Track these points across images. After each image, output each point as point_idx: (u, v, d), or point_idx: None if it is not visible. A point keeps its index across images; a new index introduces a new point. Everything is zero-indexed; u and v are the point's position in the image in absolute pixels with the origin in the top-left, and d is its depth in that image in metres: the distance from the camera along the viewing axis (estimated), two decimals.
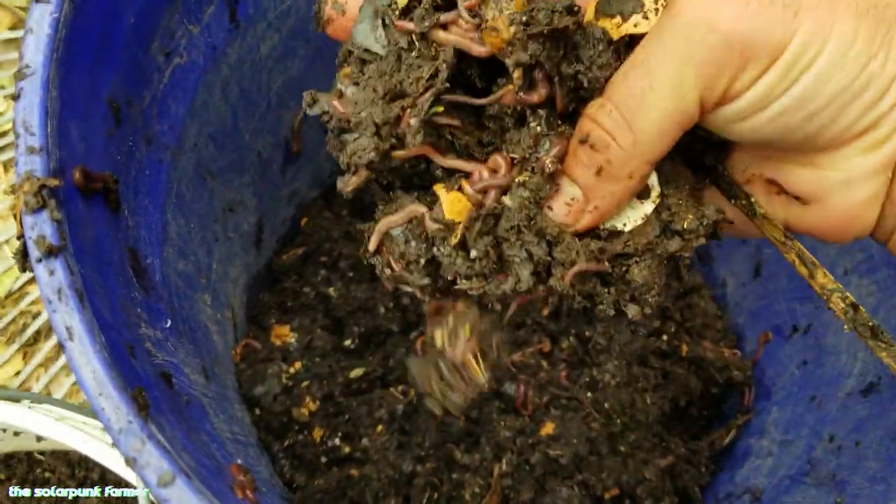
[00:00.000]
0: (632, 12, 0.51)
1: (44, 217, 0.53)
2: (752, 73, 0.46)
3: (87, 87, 0.64)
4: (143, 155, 0.75)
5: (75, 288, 0.52)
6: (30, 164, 0.55)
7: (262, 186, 1.11)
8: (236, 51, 0.92)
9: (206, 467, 0.59)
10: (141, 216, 0.74)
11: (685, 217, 0.55)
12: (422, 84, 0.52)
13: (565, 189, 0.52)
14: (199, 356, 0.85)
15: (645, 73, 0.47)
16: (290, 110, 1.10)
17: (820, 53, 0.45)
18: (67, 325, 0.51)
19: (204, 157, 0.92)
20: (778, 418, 1.05)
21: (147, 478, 0.49)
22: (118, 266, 0.65)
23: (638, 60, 0.48)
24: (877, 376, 0.91)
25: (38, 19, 0.58)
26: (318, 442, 1.06)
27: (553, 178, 0.53)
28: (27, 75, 0.57)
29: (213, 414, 0.79)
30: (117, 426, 0.50)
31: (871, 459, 0.84)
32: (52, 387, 1.42)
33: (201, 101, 0.88)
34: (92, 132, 0.64)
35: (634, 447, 1.06)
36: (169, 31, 0.78)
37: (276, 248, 1.22)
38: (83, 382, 0.50)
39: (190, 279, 0.89)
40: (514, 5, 0.50)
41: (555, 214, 0.53)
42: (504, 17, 0.50)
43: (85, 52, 0.63)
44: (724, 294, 1.23)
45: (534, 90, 0.52)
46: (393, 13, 0.54)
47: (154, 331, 0.69)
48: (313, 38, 1.04)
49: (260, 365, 1.09)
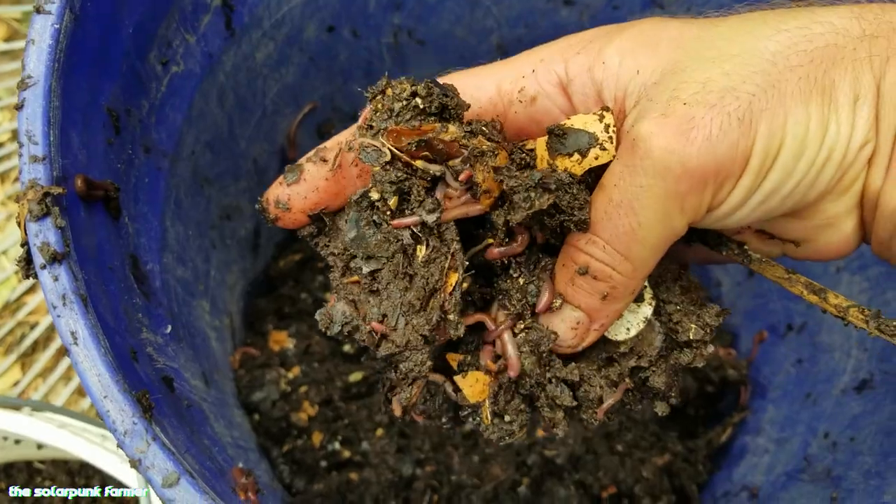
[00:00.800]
0: (588, 147, 0.52)
1: (48, 224, 0.54)
2: (728, 187, 0.49)
3: (87, 97, 0.65)
4: (141, 163, 0.76)
5: (79, 293, 0.53)
6: (34, 172, 0.55)
7: (259, 193, 1.11)
8: (232, 59, 0.92)
9: (209, 469, 0.60)
10: (141, 223, 0.74)
11: (688, 327, 0.58)
12: (446, 273, 0.54)
13: (568, 315, 0.55)
14: (199, 362, 0.86)
15: (629, 212, 0.49)
16: (285, 117, 1.11)
17: (782, 146, 0.48)
18: (72, 329, 0.52)
19: (201, 164, 0.93)
20: (774, 416, 1.06)
21: (152, 479, 0.50)
22: (120, 272, 0.66)
23: (616, 200, 0.50)
24: (870, 373, 0.92)
25: (39, 30, 0.59)
26: (318, 446, 1.06)
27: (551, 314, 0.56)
28: (29, 85, 0.57)
29: (213, 418, 0.80)
30: (122, 428, 0.51)
31: (865, 454, 0.85)
32: (51, 396, 1.42)
33: (198, 109, 0.88)
34: (92, 141, 0.65)
35: (631, 446, 1.07)
36: (166, 40, 0.79)
37: (273, 254, 1.23)
38: (88, 386, 0.51)
39: (189, 286, 0.89)
40: (499, 159, 0.52)
41: (562, 340, 0.56)
42: (492, 177, 0.52)
43: (85, 62, 0.64)
44: (719, 294, 1.24)
45: (514, 241, 0.55)
46: (384, 214, 0.55)
47: (155, 336, 0.69)
48: (307, 47, 1.05)
49: (258, 371, 1.09)
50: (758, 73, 0.48)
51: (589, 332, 0.55)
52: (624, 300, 0.54)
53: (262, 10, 0.94)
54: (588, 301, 0.54)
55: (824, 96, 0.48)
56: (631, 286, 0.53)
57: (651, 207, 0.48)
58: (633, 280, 0.52)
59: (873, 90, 0.49)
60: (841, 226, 0.54)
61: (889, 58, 0.48)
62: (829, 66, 0.48)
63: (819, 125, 0.48)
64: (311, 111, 1.13)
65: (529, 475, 1.04)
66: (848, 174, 0.51)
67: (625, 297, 0.53)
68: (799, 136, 0.48)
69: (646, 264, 0.52)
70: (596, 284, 0.52)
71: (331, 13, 1.05)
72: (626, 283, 0.52)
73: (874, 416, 0.88)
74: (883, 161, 0.50)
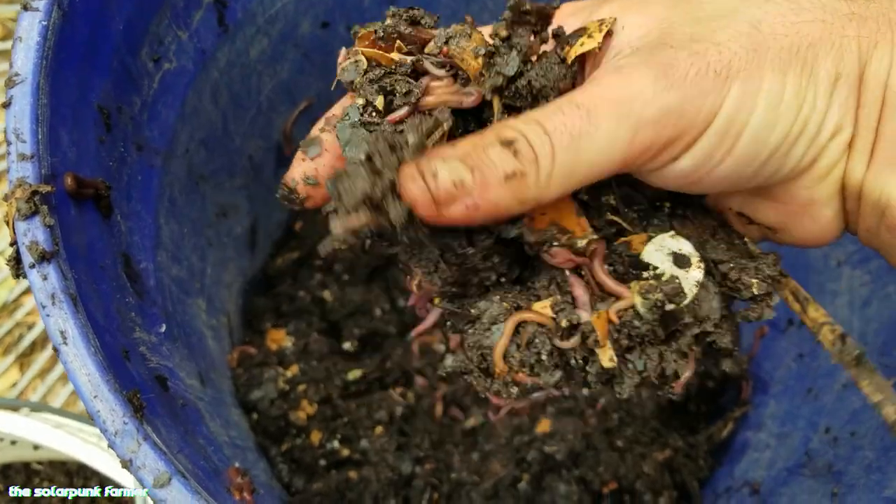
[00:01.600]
0: (578, 37, 0.52)
1: (36, 223, 0.54)
2: (686, 140, 0.48)
3: (77, 94, 0.64)
4: (134, 160, 0.75)
5: (69, 293, 0.53)
6: (21, 170, 0.55)
7: (255, 190, 1.11)
8: (225, 55, 0.92)
9: (202, 469, 0.59)
10: (133, 221, 0.74)
11: (750, 283, 0.55)
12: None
13: (457, 168, 0.47)
14: (195, 361, 0.85)
15: (585, 117, 0.47)
16: (280, 114, 1.10)
17: (753, 112, 0.47)
18: (62, 329, 0.51)
19: (195, 161, 0.92)
20: (775, 411, 1.05)
21: (143, 479, 0.49)
22: (111, 271, 0.65)
23: (578, 101, 0.48)
24: None
25: (27, 27, 0.58)
26: (317, 445, 1.06)
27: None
28: (17, 83, 0.57)
29: (209, 418, 0.79)
30: (113, 428, 0.50)
31: (866, 449, 0.85)
32: (49, 397, 1.41)
33: (191, 106, 0.88)
34: (83, 138, 0.64)
35: (631, 441, 1.07)
36: (158, 36, 0.78)
37: (270, 252, 1.22)
38: (78, 386, 0.51)
39: (184, 284, 0.89)
40: (474, 39, 0.52)
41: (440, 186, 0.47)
42: (469, 50, 0.52)
43: (74, 59, 0.63)
44: None
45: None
46: (374, 117, 0.53)
47: (148, 335, 0.69)
48: (302, 43, 1.05)
49: (256, 369, 1.09)
50: (743, 36, 0.47)
51: (456, 200, 0.47)
52: (514, 198, 0.48)
53: (256, 5, 0.94)
54: (488, 171, 0.47)
55: (804, 69, 0.48)
56: (533, 191, 0.48)
57: (606, 122, 0.47)
58: (539, 183, 0.48)
59: (855, 73, 0.48)
60: (819, 213, 0.53)
61: (877, 42, 0.48)
62: (814, 40, 0.48)
63: (795, 96, 0.48)
64: (307, 108, 1.13)
65: (529, 471, 1.04)
66: (823, 158, 0.50)
67: (520, 193, 0.48)
68: (774, 104, 0.47)
69: (565, 176, 0.48)
70: (508, 160, 0.47)
71: (325, 8, 1.04)
72: (535, 181, 0.47)
73: (875, 411, 0.87)
74: (864, 149, 0.50)
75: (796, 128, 0.48)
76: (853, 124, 0.50)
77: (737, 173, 0.50)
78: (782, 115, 0.48)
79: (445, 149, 0.48)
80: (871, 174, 0.50)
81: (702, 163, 0.49)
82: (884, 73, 0.48)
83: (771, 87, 0.47)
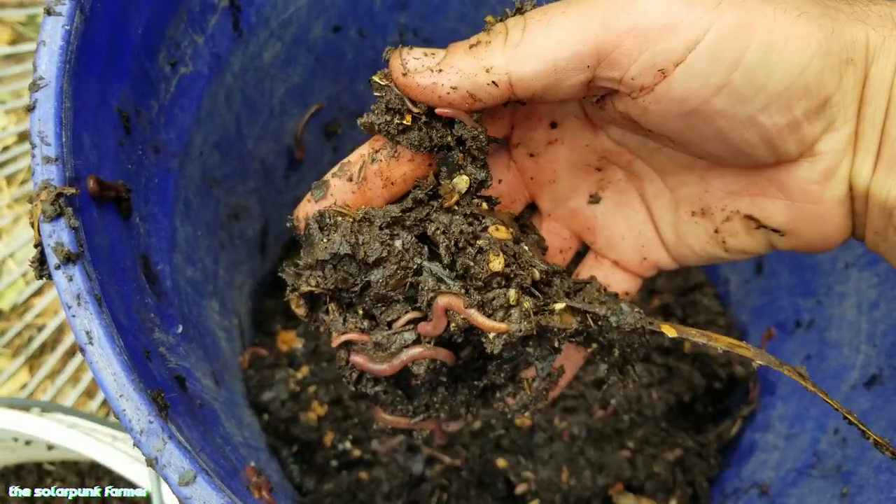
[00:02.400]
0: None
1: (61, 224, 0.54)
2: (668, 47, 0.47)
3: (98, 98, 0.65)
4: (151, 163, 0.76)
5: (94, 293, 0.53)
6: (46, 173, 0.55)
7: (267, 193, 1.12)
8: (240, 59, 0.93)
9: (223, 468, 0.60)
10: (151, 224, 0.74)
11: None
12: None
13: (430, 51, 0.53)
14: (209, 362, 0.86)
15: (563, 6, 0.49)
16: (292, 118, 1.11)
17: (749, 46, 0.47)
18: (87, 329, 0.52)
19: (209, 165, 0.93)
20: (783, 412, 1.06)
21: (168, 477, 0.50)
22: (132, 272, 0.66)
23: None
24: (879, 368, 0.92)
25: (50, 32, 0.59)
26: (329, 446, 1.07)
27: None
28: (41, 87, 0.57)
29: (224, 418, 0.80)
30: (138, 427, 0.51)
31: (874, 450, 0.85)
32: (59, 398, 1.42)
33: (206, 110, 0.89)
34: (103, 141, 0.65)
35: (643, 442, 1.07)
36: (175, 41, 0.79)
37: (280, 254, 1.23)
38: (104, 385, 0.51)
39: (198, 286, 0.90)
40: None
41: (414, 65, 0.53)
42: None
43: (95, 63, 0.64)
44: (727, 291, 1.24)
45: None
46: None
47: (167, 336, 0.70)
48: (314, 47, 1.06)
49: (267, 371, 1.10)
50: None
51: (427, 71, 0.52)
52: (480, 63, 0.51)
53: (269, 10, 0.94)
54: (456, 43, 0.52)
55: (815, 34, 0.47)
56: (500, 58, 0.50)
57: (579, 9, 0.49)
58: (506, 50, 0.50)
59: (862, 67, 0.48)
60: (830, 213, 0.53)
61: (884, 40, 0.48)
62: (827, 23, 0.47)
63: (798, 52, 0.47)
64: (317, 111, 1.14)
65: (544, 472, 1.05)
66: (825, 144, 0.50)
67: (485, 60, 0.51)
68: (771, 48, 0.47)
69: (538, 48, 0.49)
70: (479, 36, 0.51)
71: (337, 13, 1.05)
72: (501, 48, 0.50)
73: (883, 412, 0.88)
74: (870, 149, 0.50)
75: (797, 86, 0.47)
76: (856, 120, 0.50)
77: (736, 118, 0.49)
78: (782, 64, 0.47)
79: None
80: (878, 176, 0.50)
81: (696, 86, 0.48)
82: (889, 75, 0.48)
83: (772, 30, 0.47)
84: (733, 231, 0.59)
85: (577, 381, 1.11)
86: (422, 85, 0.52)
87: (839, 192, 0.52)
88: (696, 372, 1.14)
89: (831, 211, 0.53)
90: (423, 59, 0.52)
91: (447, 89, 0.51)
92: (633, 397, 1.09)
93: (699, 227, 0.61)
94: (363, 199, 0.58)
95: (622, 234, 0.65)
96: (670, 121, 0.51)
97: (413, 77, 0.52)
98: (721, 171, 0.58)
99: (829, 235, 0.55)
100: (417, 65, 0.52)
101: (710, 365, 1.14)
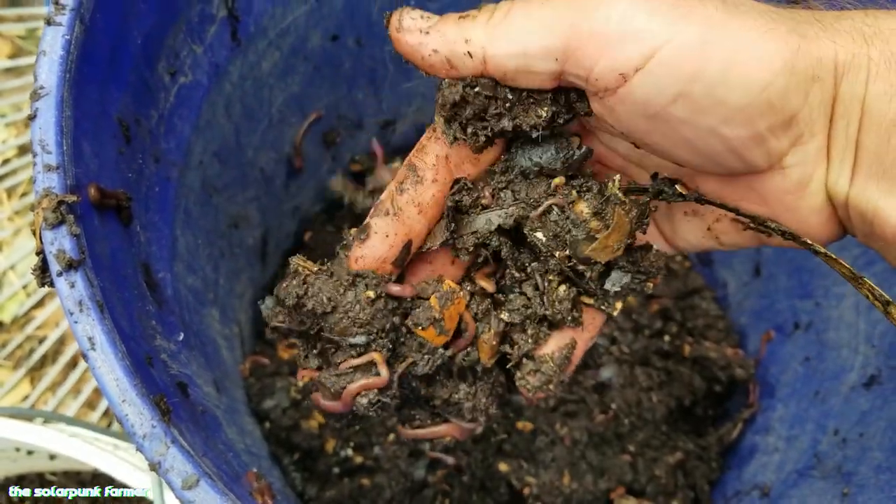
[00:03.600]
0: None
1: (63, 232, 0.55)
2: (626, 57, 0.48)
3: (98, 107, 0.66)
4: (152, 172, 0.77)
5: (96, 300, 0.54)
6: (48, 181, 0.56)
7: (266, 202, 1.13)
8: (238, 69, 0.93)
9: (225, 473, 0.60)
10: (152, 232, 0.75)
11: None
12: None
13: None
14: (210, 369, 0.86)
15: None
16: (291, 126, 1.12)
17: (709, 61, 0.47)
18: (89, 335, 0.52)
19: (209, 173, 0.94)
20: (783, 414, 1.06)
21: (171, 481, 0.50)
22: (133, 280, 0.67)
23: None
24: (878, 369, 0.92)
25: (50, 41, 0.60)
26: (331, 453, 1.07)
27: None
28: (42, 96, 0.58)
29: (226, 425, 0.80)
30: (141, 431, 0.51)
31: (875, 450, 0.85)
32: (60, 409, 1.42)
33: (205, 119, 0.89)
34: (103, 150, 0.66)
35: (644, 446, 1.07)
36: (174, 50, 0.79)
37: (280, 262, 1.24)
38: (106, 390, 0.52)
39: (199, 294, 0.90)
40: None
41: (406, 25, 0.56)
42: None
43: (95, 73, 0.65)
44: (725, 295, 1.24)
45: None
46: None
47: (168, 343, 0.70)
48: (312, 56, 1.06)
49: (268, 379, 1.10)
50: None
51: (420, 32, 0.55)
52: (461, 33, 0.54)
53: (268, 20, 0.95)
54: (446, 16, 0.55)
55: (781, 50, 0.47)
56: (480, 31, 0.53)
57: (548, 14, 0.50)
58: (488, 26, 0.53)
59: (831, 83, 0.48)
60: (807, 219, 0.54)
61: (853, 55, 0.48)
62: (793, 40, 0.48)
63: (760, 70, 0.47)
64: (316, 120, 1.14)
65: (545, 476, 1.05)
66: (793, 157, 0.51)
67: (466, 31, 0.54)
68: (732, 63, 0.47)
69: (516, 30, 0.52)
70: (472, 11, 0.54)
71: (335, 22, 1.06)
72: (483, 23, 0.53)
73: (883, 412, 0.88)
74: (846, 160, 0.50)
75: (759, 102, 0.47)
76: (826, 133, 0.50)
77: (698, 126, 0.50)
78: (743, 80, 0.47)
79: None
80: (855, 187, 0.50)
81: (654, 93, 0.49)
82: (860, 88, 0.48)
83: (735, 47, 0.47)
84: (724, 230, 0.61)
85: (578, 386, 1.11)
86: (410, 43, 0.55)
87: (816, 202, 0.53)
88: (696, 375, 1.14)
89: (809, 219, 0.54)
90: (418, 20, 0.56)
91: (429, 51, 0.55)
92: (633, 401, 1.10)
93: (693, 224, 0.63)
94: (405, 229, 0.60)
95: None
96: (638, 123, 0.52)
97: (404, 34, 0.56)
98: (705, 178, 0.59)
99: (815, 238, 0.55)
100: (411, 24, 0.56)
101: (709, 368, 1.15)
